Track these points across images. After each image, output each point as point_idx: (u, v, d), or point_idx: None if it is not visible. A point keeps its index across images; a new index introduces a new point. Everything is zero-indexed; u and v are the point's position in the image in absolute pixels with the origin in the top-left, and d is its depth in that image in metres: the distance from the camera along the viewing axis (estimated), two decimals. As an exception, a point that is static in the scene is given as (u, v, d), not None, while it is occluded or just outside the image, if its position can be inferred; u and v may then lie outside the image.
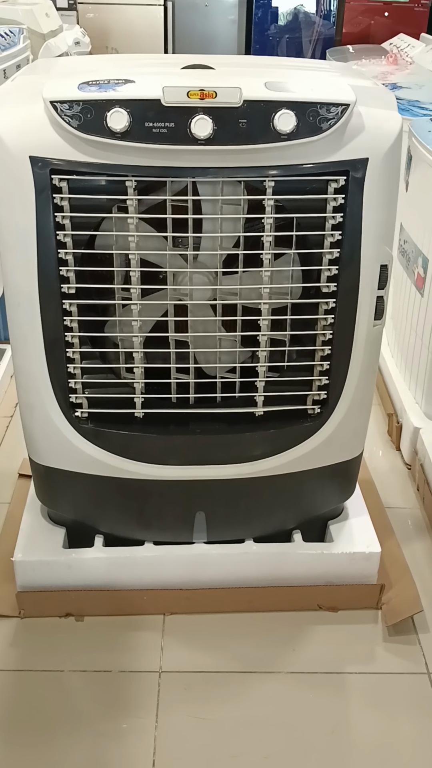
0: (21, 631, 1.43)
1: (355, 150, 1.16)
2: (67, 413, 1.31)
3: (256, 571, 1.47)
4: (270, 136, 1.12)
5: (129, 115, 1.09)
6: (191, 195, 1.19)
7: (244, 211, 1.22)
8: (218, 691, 1.33)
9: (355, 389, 1.33)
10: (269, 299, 1.26)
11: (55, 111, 1.10)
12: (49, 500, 1.48)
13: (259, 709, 1.30)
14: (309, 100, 1.12)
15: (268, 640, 1.43)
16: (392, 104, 1.23)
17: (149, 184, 1.19)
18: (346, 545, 1.48)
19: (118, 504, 1.44)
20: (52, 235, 1.18)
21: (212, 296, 1.28)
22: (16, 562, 1.43)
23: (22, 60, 2.73)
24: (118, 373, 1.33)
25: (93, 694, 1.32)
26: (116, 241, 1.22)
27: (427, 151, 1.82)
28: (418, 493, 1.83)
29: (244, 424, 1.34)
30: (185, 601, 1.46)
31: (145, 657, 1.38)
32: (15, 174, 1.14)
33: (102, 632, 1.43)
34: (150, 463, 1.35)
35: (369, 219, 1.20)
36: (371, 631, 1.45)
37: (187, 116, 1.10)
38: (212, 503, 1.43)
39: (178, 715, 1.28)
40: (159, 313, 1.29)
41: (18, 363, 1.30)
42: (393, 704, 1.32)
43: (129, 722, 1.27)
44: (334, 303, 1.26)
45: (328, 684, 1.35)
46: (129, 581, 1.46)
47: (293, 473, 1.39)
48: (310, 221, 1.22)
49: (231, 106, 1.11)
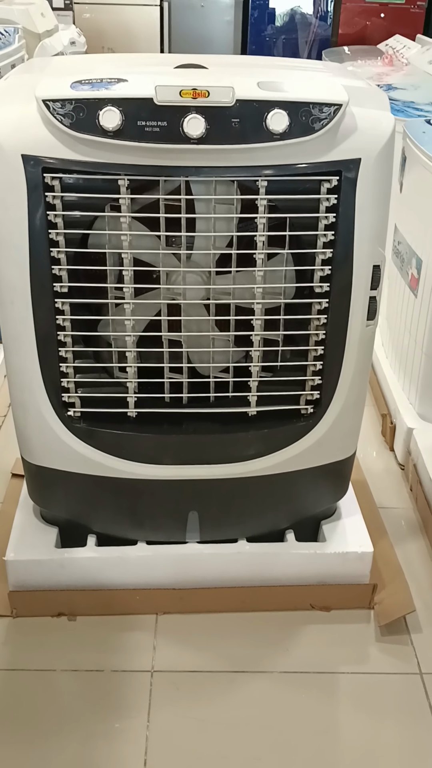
0: (13, 631, 1.42)
1: (347, 150, 1.17)
2: (59, 412, 1.31)
3: (249, 570, 1.47)
4: (263, 136, 1.12)
5: (121, 114, 1.09)
6: (184, 194, 1.19)
7: (237, 210, 1.22)
8: (210, 691, 1.33)
9: (348, 389, 1.33)
10: (262, 299, 1.26)
11: (47, 110, 1.10)
12: (41, 500, 1.48)
13: (251, 710, 1.30)
14: (302, 100, 1.12)
15: (260, 639, 1.43)
16: (385, 105, 1.23)
17: (142, 183, 1.19)
18: (339, 545, 1.48)
19: (110, 503, 1.44)
20: (45, 233, 1.18)
21: (205, 296, 1.28)
22: (8, 562, 1.43)
23: (17, 59, 2.73)
24: (111, 372, 1.33)
25: (85, 694, 1.32)
26: (109, 240, 1.22)
27: (422, 152, 1.82)
28: (411, 494, 1.83)
29: (238, 423, 1.34)
30: (178, 600, 1.46)
31: (137, 657, 1.38)
32: (7, 172, 1.14)
33: (94, 632, 1.43)
34: (143, 463, 1.35)
35: (362, 219, 1.20)
36: (364, 631, 1.45)
37: (180, 115, 1.10)
38: (205, 503, 1.43)
39: (170, 715, 1.28)
40: (152, 313, 1.29)
41: (10, 362, 1.30)
42: (385, 705, 1.32)
43: (121, 722, 1.27)
44: (327, 303, 1.26)
45: (321, 684, 1.35)
46: (121, 581, 1.46)
47: (286, 473, 1.39)
48: (303, 221, 1.22)
49: (223, 106, 1.11)
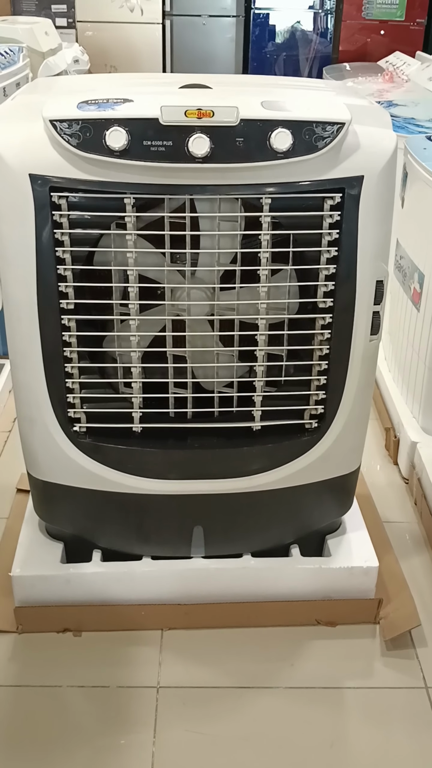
0: (19, 647, 1.42)
1: (350, 168, 1.18)
2: (65, 428, 1.31)
3: (254, 585, 1.47)
4: (267, 155, 1.14)
5: (128, 134, 1.11)
6: (189, 212, 1.20)
7: (242, 227, 1.23)
8: (216, 706, 1.33)
9: (352, 404, 1.34)
10: (266, 314, 1.27)
11: (54, 130, 1.12)
12: (47, 515, 1.49)
13: (258, 725, 1.30)
14: (305, 118, 1.14)
15: (266, 655, 1.43)
16: (387, 123, 1.24)
17: (147, 201, 1.21)
18: (344, 560, 1.48)
19: (116, 518, 1.44)
20: (52, 251, 1.19)
21: (210, 311, 1.29)
22: (14, 577, 1.43)
23: (22, 78, 2.76)
24: (116, 387, 1.34)
25: (91, 710, 1.31)
26: (115, 257, 1.24)
27: (423, 168, 1.84)
28: (415, 508, 1.83)
29: (242, 438, 1.35)
30: (183, 616, 1.46)
31: (143, 672, 1.38)
32: (15, 191, 1.15)
33: (100, 647, 1.42)
34: (148, 478, 1.35)
35: (365, 235, 1.22)
36: (369, 645, 1.45)
37: (185, 135, 1.12)
38: (210, 518, 1.44)
39: (176, 731, 1.28)
40: (157, 329, 1.30)
41: (17, 377, 1.31)
42: (391, 719, 1.32)
43: (127, 738, 1.27)
44: (331, 318, 1.27)
45: (326, 699, 1.35)
46: (127, 596, 1.46)
47: (291, 487, 1.39)
48: (306, 237, 1.23)
49: (228, 125, 1.12)
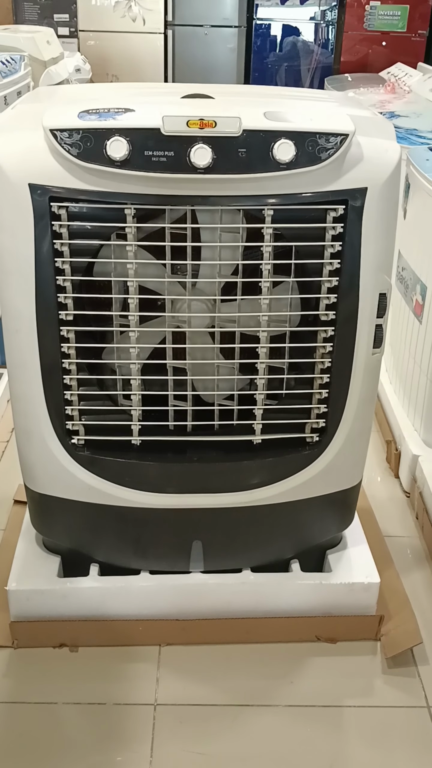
0: (14, 662, 1.40)
1: (354, 179, 1.17)
2: (63, 440, 1.30)
3: (254, 601, 1.45)
4: (269, 166, 1.13)
5: (129, 144, 1.10)
6: (190, 223, 1.19)
7: (243, 239, 1.22)
8: (214, 724, 1.31)
9: (353, 418, 1.32)
10: (268, 327, 1.26)
11: (54, 139, 1.11)
12: (44, 528, 1.47)
13: (256, 744, 1.28)
14: (308, 129, 1.13)
15: (265, 672, 1.41)
16: (391, 134, 1.23)
17: (148, 212, 1.19)
18: (345, 575, 1.46)
19: (113, 532, 1.42)
20: (51, 261, 1.17)
21: (210, 323, 1.28)
22: (10, 591, 1.41)
23: (23, 87, 2.76)
24: (115, 399, 1.33)
25: (87, 727, 1.29)
26: (115, 268, 1.22)
27: (425, 179, 1.83)
28: (417, 522, 1.81)
29: (242, 452, 1.33)
30: (181, 631, 1.44)
31: (140, 689, 1.36)
32: (15, 201, 1.14)
33: (96, 663, 1.40)
34: (147, 491, 1.34)
35: (368, 248, 1.20)
36: (370, 663, 1.43)
37: (187, 145, 1.11)
38: (209, 532, 1.42)
39: (173, 749, 1.26)
40: (157, 340, 1.29)
41: (15, 389, 1.29)
42: (392, 738, 1.30)
43: (123, 755, 1.25)
44: (333, 331, 1.26)
45: (326, 718, 1.33)
46: (124, 611, 1.44)
47: (291, 502, 1.38)
48: (308, 249, 1.22)
49: (230, 136, 1.11)
